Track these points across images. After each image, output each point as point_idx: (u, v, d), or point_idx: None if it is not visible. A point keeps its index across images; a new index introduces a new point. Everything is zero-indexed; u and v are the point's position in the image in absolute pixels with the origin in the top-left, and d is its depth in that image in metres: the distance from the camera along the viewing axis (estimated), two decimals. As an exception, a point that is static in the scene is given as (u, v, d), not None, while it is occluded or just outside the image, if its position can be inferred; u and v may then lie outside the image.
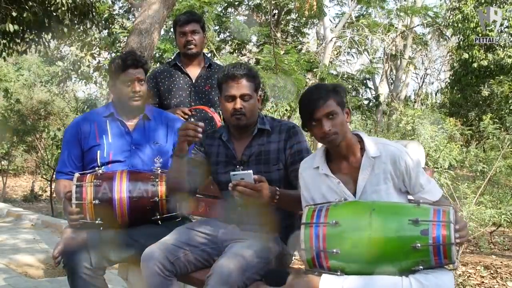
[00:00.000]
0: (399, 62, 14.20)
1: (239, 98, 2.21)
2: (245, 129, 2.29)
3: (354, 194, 1.99)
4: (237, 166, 2.23)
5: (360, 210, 1.86)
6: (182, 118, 2.90)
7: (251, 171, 1.99)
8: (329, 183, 2.02)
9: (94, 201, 2.27)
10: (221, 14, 11.77)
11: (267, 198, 2.03)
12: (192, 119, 3.03)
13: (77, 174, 2.36)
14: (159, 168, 2.44)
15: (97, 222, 2.29)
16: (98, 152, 2.49)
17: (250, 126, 2.29)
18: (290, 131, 2.27)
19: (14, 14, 6.09)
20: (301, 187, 2.10)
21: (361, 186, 1.98)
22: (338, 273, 1.79)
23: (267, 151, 2.26)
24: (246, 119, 2.23)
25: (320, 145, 2.12)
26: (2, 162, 11.64)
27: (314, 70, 10.25)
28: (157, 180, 2.37)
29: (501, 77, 10.69)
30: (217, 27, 11.26)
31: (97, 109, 2.72)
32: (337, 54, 12.91)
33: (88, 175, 2.35)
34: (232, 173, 2.01)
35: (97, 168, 2.40)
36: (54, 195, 8.47)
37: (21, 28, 6.31)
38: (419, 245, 1.72)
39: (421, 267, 1.75)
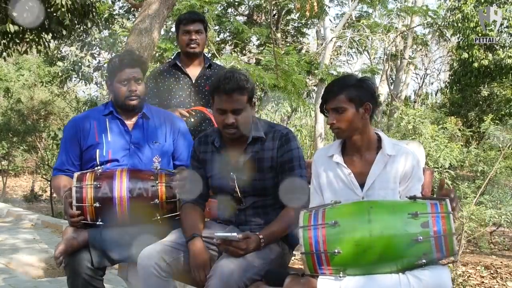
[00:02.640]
0: (399, 62, 14.19)
1: (231, 112, 2.14)
2: (238, 138, 2.25)
3: (362, 187, 2.01)
4: (231, 173, 2.23)
5: (358, 209, 1.87)
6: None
7: (235, 234, 2.01)
8: (339, 173, 2.06)
9: (94, 204, 2.26)
10: (221, 14, 11.76)
11: (253, 249, 2.06)
12: (192, 119, 3.04)
13: (76, 174, 2.34)
14: (158, 167, 2.43)
15: (97, 223, 2.29)
16: (98, 151, 2.48)
17: (244, 135, 2.25)
18: (282, 139, 2.23)
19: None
20: (312, 174, 2.15)
21: (371, 180, 2.01)
22: (341, 275, 1.79)
23: (261, 158, 2.24)
24: (239, 132, 2.19)
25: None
26: (2, 162, 11.64)
27: (315, 72, 10.25)
28: (157, 181, 2.36)
29: (503, 80, 10.69)
30: (217, 27, 11.25)
31: (97, 108, 2.71)
32: (337, 54, 12.89)
33: (88, 174, 2.34)
34: (216, 234, 2.04)
35: (96, 168, 2.38)
36: (54, 194, 8.46)
37: (21, 28, 6.31)
38: (420, 237, 1.73)
39: (424, 261, 1.75)
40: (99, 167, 2.39)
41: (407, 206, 1.82)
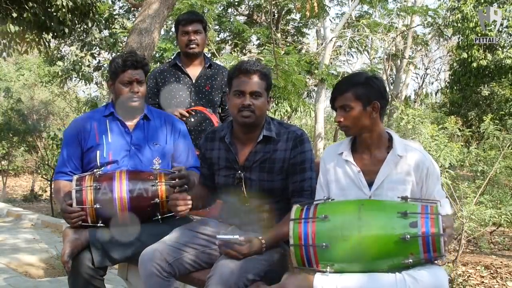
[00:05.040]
0: (399, 62, 14.20)
1: (249, 94, 2.15)
2: (250, 131, 2.23)
3: (370, 186, 2.00)
4: (239, 171, 2.22)
5: (349, 206, 1.88)
6: (181, 119, 2.89)
7: (237, 237, 2.00)
8: (348, 170, 2.04)
9: (95, 205, 2.26)
10: (221, 14, 11.76)
11: (254, 253, 2.05)
12: (192, 119, 3.04)
13: (75, 177, 2.33)
14: (158, 168, 2.42)
15: (98, 225, 2.28)
16: (98, 152, 2.47)
17: (256, 129, 2.23)
18: (296, 140, 2.21)
19: (14, 14, 6.09)
20: (320, 172, 2.14)
21: (380, 180, 1.99)
22: (328, 269, 1.79)
23: (272, 159, 2.21)
24: (254, 117, 2.16)
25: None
26: (2, 162, 11.65)
27: (315, 72, 10.25)
28: (156, 181, 2.35)
29: (502, 80, 10.69)
30: (217, 27, 11.26)
31: (97, 109, 2.70)
32: (337, 54, 12.89)
33: (87, 176, 2.32)
34: (218, 236, 2.02)
35: (95, 170, 2.37)
36: (54, 195, 8.46)
37: (21, 28, 6.31)
38: (408, 236, 1.73)
39: (410, 260, 1.75)
40: (98, 169, 2.38)
41: (397, 206, 1.82)
